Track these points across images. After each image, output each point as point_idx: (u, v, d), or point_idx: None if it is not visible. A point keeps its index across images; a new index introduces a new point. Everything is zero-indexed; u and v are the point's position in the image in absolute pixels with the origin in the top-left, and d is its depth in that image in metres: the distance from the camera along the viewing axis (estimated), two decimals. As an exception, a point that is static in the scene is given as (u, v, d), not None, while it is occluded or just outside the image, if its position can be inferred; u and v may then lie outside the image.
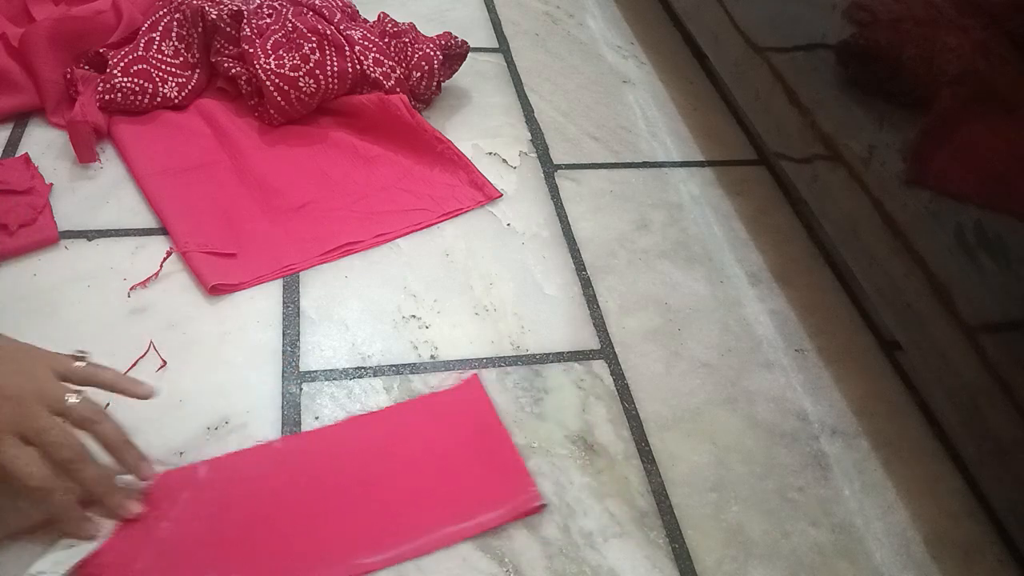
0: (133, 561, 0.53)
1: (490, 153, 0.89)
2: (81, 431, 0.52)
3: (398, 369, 0.68)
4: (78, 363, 0.54)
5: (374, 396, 0.65)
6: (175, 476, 0.57)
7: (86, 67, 0.85)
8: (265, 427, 0.62)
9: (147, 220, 0.76)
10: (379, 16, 0.94)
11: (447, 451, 0.61)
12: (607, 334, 0.73)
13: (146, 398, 0.56)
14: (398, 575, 0.55)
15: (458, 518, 0.58)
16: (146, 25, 0.88)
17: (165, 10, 0.89)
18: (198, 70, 0.88)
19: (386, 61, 0.88)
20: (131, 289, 0.70)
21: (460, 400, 0.65)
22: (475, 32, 1.07)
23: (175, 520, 0.55)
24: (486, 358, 0.69)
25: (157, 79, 0.85)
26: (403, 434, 0.62)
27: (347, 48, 0.86)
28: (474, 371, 0.68)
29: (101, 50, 0.85)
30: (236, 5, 0.87)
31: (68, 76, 0.84)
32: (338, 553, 0.55)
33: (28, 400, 0.50)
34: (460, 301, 0.74)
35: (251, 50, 0.84)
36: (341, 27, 0.88)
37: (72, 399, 0.52)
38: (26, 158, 0.78)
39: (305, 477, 0.58)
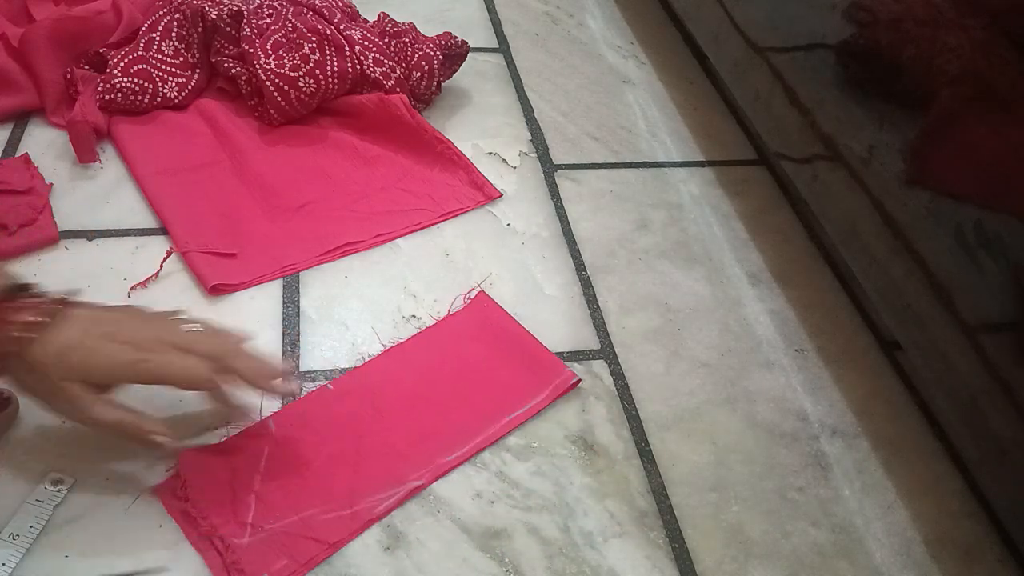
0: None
1: (490, 153, 0.89)
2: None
3: (398, 369, 0.68)
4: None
5: (374, 396, 0.65)
6: (255, 428, 0.62)
7: (86, 67, 0.85)
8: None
9: (147, 220, 0.76)
10: (379, 16, 0.94)
11: (484, 357, 0.68)
12: (607, 334, 0.73)
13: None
14: (396, 573, 0.55)
15: (512, 407, 0.65)
16: (146, 25, 0.88)
17: (165, 10, 0.89)
18: (198, 70, 0.88)
19: (386, 61, 0.88)
20: (131, 289, 0.70)
21: (477, 314, 0.72)
22: (475, 32, 1.07)
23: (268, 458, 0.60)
24: (486, 358, 0.69)
25: (157, 79, 0.85)
26: (441, 352, 0.69)
27: (347, 48, 0.86)
28: (479, 288, 0.73)
29: (101, 50, 0.85)
30: (236, 5, 0.87)
31: (68, 76, 0.84)
32: (421, 458, 0.61)
33: (162, 324, 0.55)
34: (460, 301, 0.74)
35: (251, 50, 0.84)
36: (341, 27, 0.88)
37: (194, 326, 0.56)
38: (26, 158, 0.78)
39: (367, 407, 0.64)
